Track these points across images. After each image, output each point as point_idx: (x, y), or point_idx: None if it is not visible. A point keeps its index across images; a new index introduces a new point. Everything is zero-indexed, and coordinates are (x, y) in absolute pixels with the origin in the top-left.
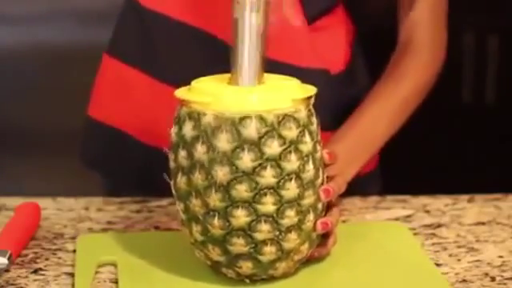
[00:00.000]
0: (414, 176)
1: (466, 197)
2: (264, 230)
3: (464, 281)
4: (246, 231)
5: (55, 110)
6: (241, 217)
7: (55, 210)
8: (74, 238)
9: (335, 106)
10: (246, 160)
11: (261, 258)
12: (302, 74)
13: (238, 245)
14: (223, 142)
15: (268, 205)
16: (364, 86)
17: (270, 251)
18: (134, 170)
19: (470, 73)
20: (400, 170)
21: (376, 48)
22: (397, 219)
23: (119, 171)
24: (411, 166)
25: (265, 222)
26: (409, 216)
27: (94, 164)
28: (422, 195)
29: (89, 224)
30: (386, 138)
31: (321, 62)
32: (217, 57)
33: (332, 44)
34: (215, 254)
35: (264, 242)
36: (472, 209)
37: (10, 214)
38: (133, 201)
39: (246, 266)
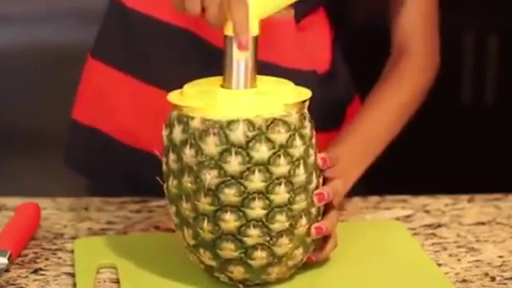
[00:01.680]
0: (414, 176)
1: (465, 197)
2: (254, 234)
3: (464, 281)
4: (236, 236)
5: (55, 109)
6: (230, 221)
7: (55, 210)
8: (73, 238)
9: (321, 106)
10: (234, 164)
11: (252, 262)
12: (290, 75)
13: (228, 249)
14: (211, 146)
15: (257, 209)
16: (345, 83)
17: (260, 256)
18: (119, 172)
19: (470, 73)
20: (400, 170)
21: (359, 46)
22: (397, 219)
23: (103, 174)
24: (411, 166)
25: (254, 226)
26: (409, 216)
27: (78, 167)
28: (421, 195)
29: (88, 224)
30: (386, 142)
31: (308, 62)
32: (202, 57)
33: (318, 43)
34: (207, 258)
35: (254, 247)
36: (472, 209)
37: (10, 214)
38: (133, 201)
39: (238, 271)
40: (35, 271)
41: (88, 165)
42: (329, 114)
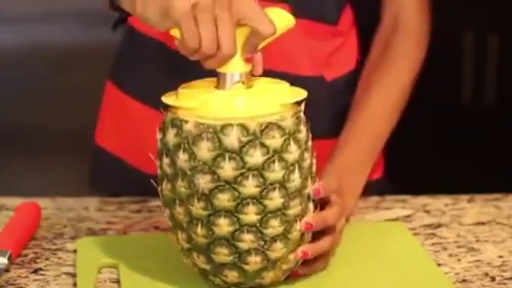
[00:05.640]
0: (414, 176)
1: (465, 197)
2: (247, 239)
3: (464, 281)
4: (230, 240)
5: (55, 109)
6: (223, 226)
7: (55, 210)
8: (73, 237)
9: (333, 114)
10: (227, 169)
11: (246, 267)
12: (298, 82)
13: (222, 254)
14: (204, 151)
15: (251, 215)
16: None
17: (254, 261)
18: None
19: (470, 73)
20: (400, 169)
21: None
22: (397, 219)
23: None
24: (411, 166)
25: (247, 231)
26: (409, 216)
27: (103, 190)
28: (421, 195)
29: (88, 224)
30: (390, 129)
31: (317, 69)
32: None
33: (352, 45)
34: (200, 261)
35: (248, 252)
36: (472, 209)
37: (10, 214)
38: (132, 201)
39: (232, 275)
40: (35, 271)
41: (112, 188)
42: (343, 121)
